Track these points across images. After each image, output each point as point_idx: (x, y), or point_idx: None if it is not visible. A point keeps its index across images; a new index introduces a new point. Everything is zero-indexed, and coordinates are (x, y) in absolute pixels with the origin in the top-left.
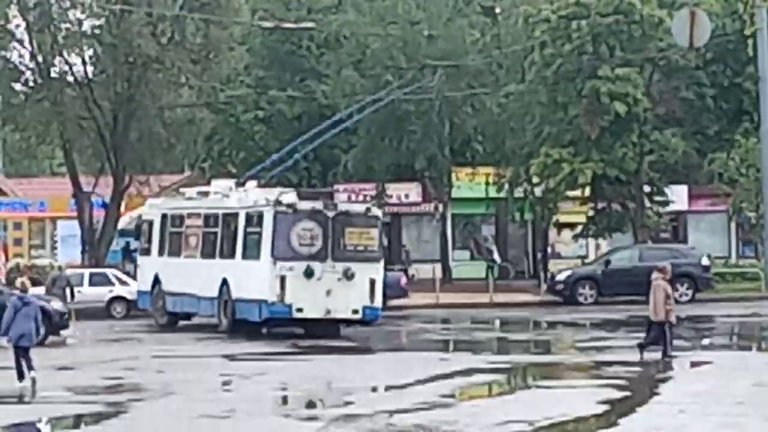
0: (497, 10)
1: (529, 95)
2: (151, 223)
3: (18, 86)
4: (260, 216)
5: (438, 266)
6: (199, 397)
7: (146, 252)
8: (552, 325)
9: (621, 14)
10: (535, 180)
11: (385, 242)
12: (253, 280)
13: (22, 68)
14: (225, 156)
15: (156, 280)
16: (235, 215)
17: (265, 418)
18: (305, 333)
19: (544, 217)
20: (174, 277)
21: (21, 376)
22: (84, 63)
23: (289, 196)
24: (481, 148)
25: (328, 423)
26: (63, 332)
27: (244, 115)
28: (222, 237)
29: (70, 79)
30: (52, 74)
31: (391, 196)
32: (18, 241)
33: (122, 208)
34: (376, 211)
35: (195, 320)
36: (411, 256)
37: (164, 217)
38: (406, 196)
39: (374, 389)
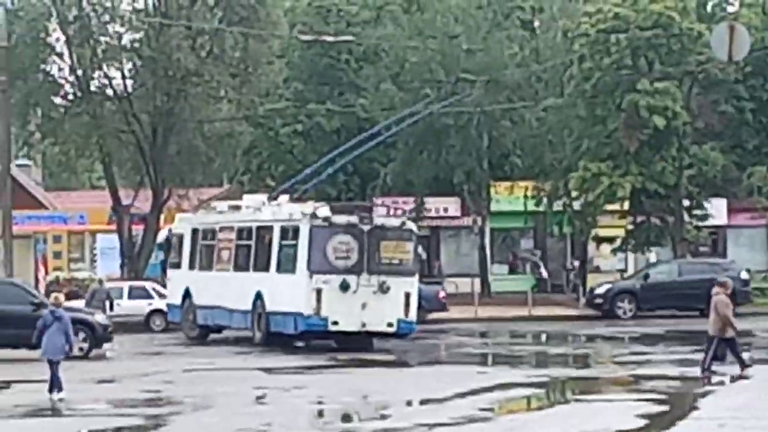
0: (536, 24)
1: (568, 109)
2: (181, 237)
3: (58, 100)
4: (296, 229)
5: (477, 280)
6: (237, 411)
7: (176, 266)
8: (591, 338)
9: (660, 28)
10: (573, 194)
11: (423, 256)
12: (289, 293)
13: (62, 82)
14: (264, 169)
15: (186, 294)
16: (270, 228)
17: (303, 431)
18: (339, 346)
19: (582, 230)
20: (205, 291)
21: (51, 389)
22: (123, 77)
23: (324, 210)
24: (520, 162)
25: None
26: (105, 345)
27: (282, 128)
28: (256, 250)
29: (110, 92)
30: (92, 88)
31: (429, 210)
32: (57, 255)
33: (161, 222)
34: (411, 225)
35: (228, 333)
36: (443, 270)
37: (195, 231)
38: (445, 209)
39: (412, 403)
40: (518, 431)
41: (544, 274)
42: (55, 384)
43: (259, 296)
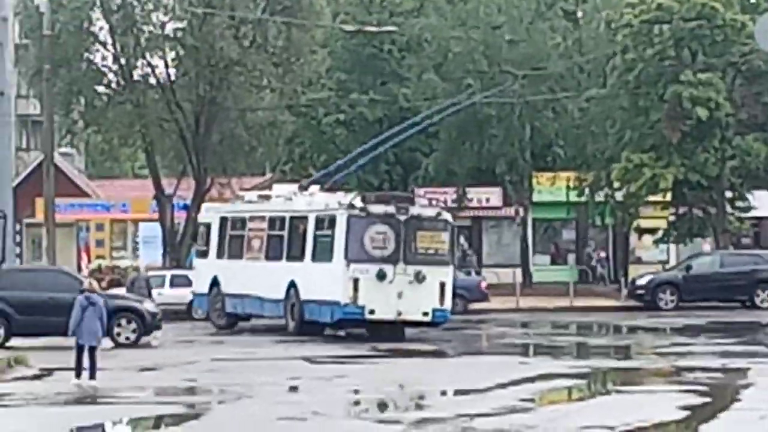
0: (579, 15)
1: (611, 100)
2: (208, 226)
3: (101, 88)
4: (332, 219)
5: (518, 270)
6: (278, 400)
7: (203, 254)
8: (632, 330)
9: (703, 19)
10: (616, 184)
11: (466, 246)
12: (325, 282)
13: (105, 70)
14: (306, 159)
15: (214, 282)
16: (304, 218)
17: (344, 420)
18: (370, 335)
19: (624, 221)
20: (234, 279)
21: (79, 374)
22: (166, 65)
23: (359, 200)
24: (562, 153)
25: (407, 426)
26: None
27: (325, 118)
28: (289, 239)
29: (153, 81)
30: (135, 77)
31: (471, 200)
32: (100, 243)
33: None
34: (447, 216)
35: (257, 322)
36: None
37: (223, 220)
38: (487, 200)
39: (454, 393)
40: (560, 422)
41: (598, 267)
42: (90, 374)
43: (293, 285)
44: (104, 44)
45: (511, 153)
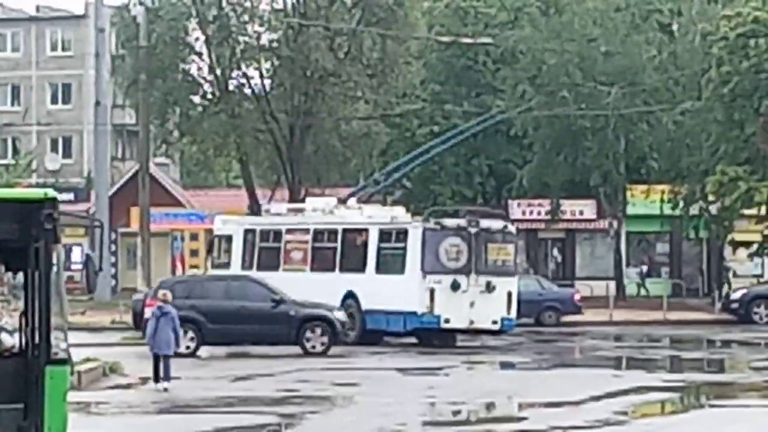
0: (674, 27)
1: (706, 113)
2: (228, 239)
3: (196, 99)
4: (402, 232)
5: (612, 283)
6: (372, 410)
7: (224, 266)
8: (726, 343)
9: None
10: (710, 198)
11: (559, 258)
12: (396, 292)
13: (201, 81)
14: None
15: None
16: (363, 231)
17: (440, 431)
18: (421, 343)
19: (719, 235)
20: None
21: (157, 380)
22: (261, 76)
23: (400, 213)
24: (657, 165)
25: None
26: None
27: (419, 129)
28: (343, 251)
29: (248, 92)
30: (230, 87)
31: (565, 212)
32: (194, 252)
33: None
34: (512, 228)
35: None
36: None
37: (249, 232)
38: (581, 212)
39: (548, 405)
40: None
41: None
42: (165, 377)
43: (351, 296)
44: (200, 55)
45: (606, 165)
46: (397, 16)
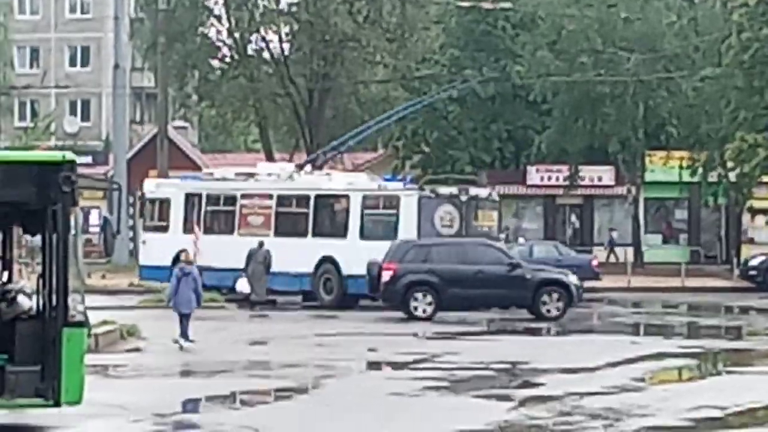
0: None
1: (725, 79)
2: (163, 201)
3: (215, 63)
4: (394, 199)
5: (630, 250)
6: (391, 375)
7: (160, 229)
8: (744, 310)
9: None
10: (729, 165)
11: (577, 224)
12: None
13: (220, 45)
14: (418, 135)
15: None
16: (344, 197)
17: (456, 396)
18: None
19: (738, 202)
20: (221, 254)
21: (187, 337)
22: (280, 40)
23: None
24: (676, 132)
25: (518, 403)
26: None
27: (438, 94)
28: (315, 217)
29: (267, 56)
30: (249, 51)
31: (583, 179)
32: None
33: None
34: (496, 195)
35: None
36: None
37: (194, 196)
38: (599, 178)
39: (564, 371)
40: (671, 401)
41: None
42: (181, 332)
43: (327, 260)
44: (219, 18)
45: (625, 132)
46: None
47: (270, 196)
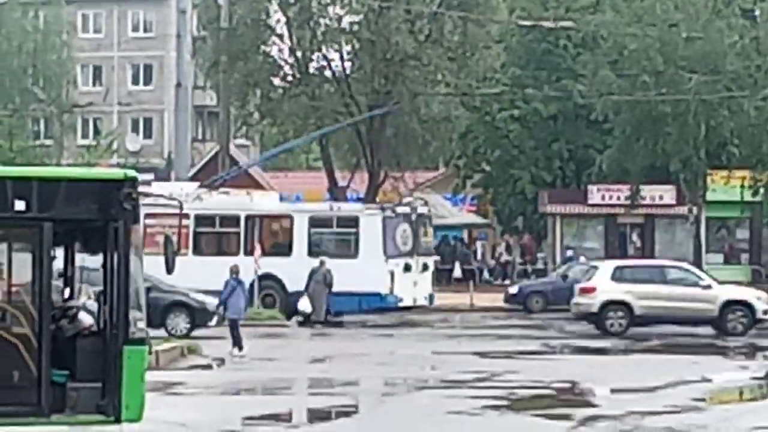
0: (757, 13)
1: None
2: None
3: (277, 81)
4: (352, 219)
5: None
6: (450, 393)
7: None
8: None
9: None
10: None
11: (638, 243)
12: (351, 275)
13: (281, 63)
14: (479, 154)
15: None
16: (283, 217)
17: (515, 415)
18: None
19: None
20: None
21: (240, 346)
22: (342, 59)
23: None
24: (737, 151)
25: (577, 422)
26: None
27: (499, 113)
28: (246, 236)
29: (328, 74)
30: (311, 69)
31: (644, 198)
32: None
33: None
34: (430, 212)
35: None
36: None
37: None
38: (660, 197)
39: (624, 390)
40: (731, 422)
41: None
42: (236, 343)
43: (268, 278)
44: (281, 37)
45: (686, 151)
46: None
47: (186, 216)
